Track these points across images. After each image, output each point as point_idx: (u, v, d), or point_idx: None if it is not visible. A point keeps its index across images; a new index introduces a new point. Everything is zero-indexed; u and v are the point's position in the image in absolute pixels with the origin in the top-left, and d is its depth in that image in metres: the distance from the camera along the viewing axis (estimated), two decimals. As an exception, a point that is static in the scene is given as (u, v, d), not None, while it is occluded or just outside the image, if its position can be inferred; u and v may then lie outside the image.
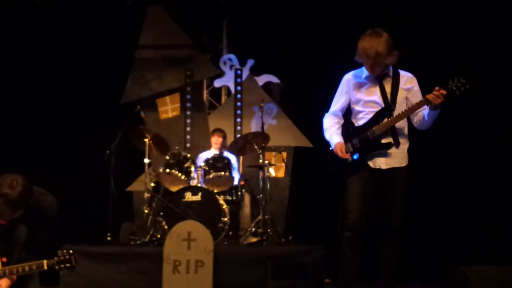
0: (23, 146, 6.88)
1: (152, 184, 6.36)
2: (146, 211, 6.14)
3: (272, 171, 6.91)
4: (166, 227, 5.79)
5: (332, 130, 4.20)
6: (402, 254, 4.04)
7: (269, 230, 6.05)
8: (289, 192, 7.27)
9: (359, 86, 4.16)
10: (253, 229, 6.28)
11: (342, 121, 4.28)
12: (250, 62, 8.17)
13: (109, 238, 5.89)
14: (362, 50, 3.94)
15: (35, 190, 4.15)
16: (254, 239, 6.13)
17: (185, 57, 8.01)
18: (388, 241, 4.02)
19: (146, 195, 6.21)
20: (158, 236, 5.88)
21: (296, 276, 4.84)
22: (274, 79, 8.22)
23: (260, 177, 6.45)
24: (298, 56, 7.34)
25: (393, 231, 3.99)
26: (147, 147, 6.29)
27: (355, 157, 4.05)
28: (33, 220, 4.20)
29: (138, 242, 5.92)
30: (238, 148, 6.79)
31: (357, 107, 4.17)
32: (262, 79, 8.19)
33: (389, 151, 4.02)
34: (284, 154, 7.23)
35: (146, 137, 6.30)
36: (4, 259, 3.87)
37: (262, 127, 6.43)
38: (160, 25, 7.99)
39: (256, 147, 6.50)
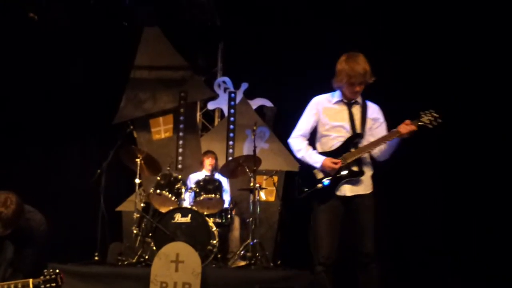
0: (13, 164, 6.86)
1: (142, 205, 6.34)
2: (135, 231, 6.11)
3: (262, 195, 6.90)
4: (154, 248, 5.75)
5: (309, 150, 4.17)
6: (380, 278, 4.00)
7: (258, 254, 6.02)
8: (279, 216, 7.27)
9: (329, 110, 4.18)
10: (242, 252, 6.26)
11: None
12: (244, 86, 8.23)
13: (96, 258, 5.86)
14: (350, 70, 3.96)
15: (24, 207, 4.14)
16: (242, 263, 6.10)
17: (179, 79, 8.06)
18: (363, 266, 3.99)
19: (136, 215, 6.18)
20: (146, 257, 5.85)
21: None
22: (267, 103, 8.28)
23: (251, 201, 6.46)
24: (291, 81, 7.40)
25: (366, 257, 3.96)
26: (138, 167, 6.28)
27: (325, 183, 4.03)
28: (21, 238, 4.19)
29: (125, 262, 5.88)
30: (229, 170, 6.79)
31: (323, 131, 4.18)
32: (255, 103, 8.24)
33: (354, 178, 4.03)
34: (275, 178, 7.23)
35: (138, 157, 6.29)
36: (-10, 276, 3.85)
37: (254, 151, 6.44)
38: (156, 46, 8.06)
39: (247, 170, 6.50)
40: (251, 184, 6.40)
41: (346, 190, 4.03)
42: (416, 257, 6.35)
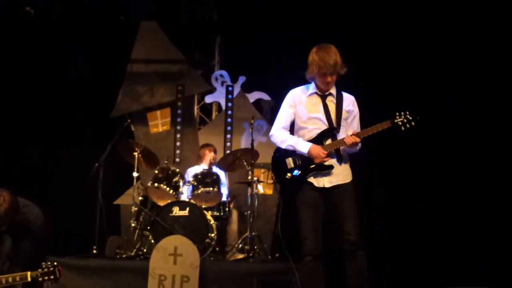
0: (11, 159, 6.86)
1: (140, 198, 6.35)
2: (133, 224, 6.12)
3: (260, 188, 6.92)
4: (152, 241, 5.76)
5: (294, 138, 4.21)
6: (367, 270, 4.01)
7: (256, 247, 6.04)
8: (277, 209, 7.27)
9: (304, 102, 4.22)
10: (240, 245, 6.27)
11: None
12: (241, 79, 8.23)
13: (95, 251, 5.86)
14: (320, 60, 4.02)
15: (21, 202, 4.15)
16: (240, 256, 6.13)
17: (177, 72, 8.06)
18: (350, 255, 4.00)
19: (134, 208, 6.19)
20: (144, 250, 5.86)
21: (281, 294, 4.84)
22: (265, 96, 8.29)
23: (249, 194, 6.47)
24: (289, 74, 7.37)
25: (352, 244, 3.97)
26: (136, 161, 6.29)
27: (295, 173, 4.10)
28: (18, 232, 4.20)
29: (124, 255, 5.90)
30: (227, 164, 6.79)
31: (300, 123, 4.23)
32: (253, 96, 8.25)
33: (323, 171, 4.08)
34: (273, 171, 7.23)
35: (136, 151, 6.30)
36: (-12, 270, 3.86)
37: (252, 144, 6.44)
38: (153, 40, 8.06)
39: (245, 163, 6.52)
40: (249, 177, 6.41)
41: (325, 181, 4.08)
42: (416, 252, 6.36)
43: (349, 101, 4.23)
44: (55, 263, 3.81)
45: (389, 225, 6.47)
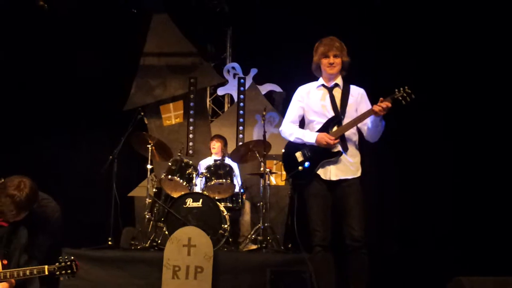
0: (27, 151, 6.93)
1: (154, 190, 6.41)
2: (147, 216, 6.20)
3: (273, 179, 6.95)
4: (166, 232, 5.83)
5: (302, 130, 4.29)
6: (369, 264, 4.04)
7: (268, 238, 6.09)
8: (289, 200, 7.31)
9: (312, 95, 4.31)
10: (253, 236, 6.32)
11: None
12: (253, 71, 8.25)
13: (110, 243, 5.93)
14: (323, 46, 4.17)
15: (39, 195, 4.20)
16: (253, 246, 6.17)
17: (189, 65, 8.09)
18: (353, 252, 4.03)
19: (148, 200, 6.26)
20: (159, 241, 5.93)
21: (294, 284, 4.86)
22: (276, 88, 8.30)
23: (261, 185, 6.51)
24: (300, 66, 7.37)
25: (356, 241, 4.01)
26: (149, 153, 6.36)
27: (306, 165, 4.16)
28: (35, 225, 4.24)
29: (138, 247, 5.98)
30: (239, 155, 6.84)
31: (309, 117, 4.30)
32: (265, 88, 8.26)
33: (340, 163, 4.12)
34: (285, 163, 7.26)
35: (149, 143, 6.36)
36: (5, 262, 3.91)
37: (264, 136, 6.47)
38: (165, 33, 8.09)
39: (257, 155, 6.56)
40: (261, 168, 6.45)
41: (332, 174, 4.12)
42: (425, 244, 6.36)
43: (358, 93, 4.27)
44: (72, 257, 3.85)
45: (402, 215, 6.48)
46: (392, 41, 6.66)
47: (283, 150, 4.39)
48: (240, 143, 7.64)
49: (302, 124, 4.40)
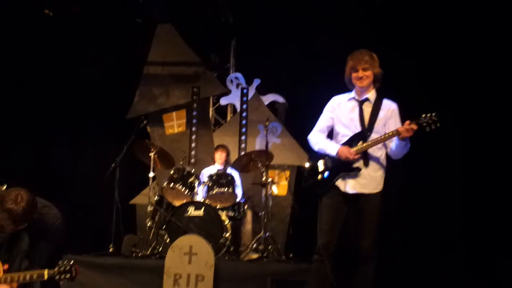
0: (30, 158, 6.95)
1: (156, 198, 6.41)
2: (148, 224, 6.20)
3: (274, 189, 6.96)
4: (168, 240, 5.83)
5: (326, 141, 4.30)
6: (374, 275, 4.04)
7: (270, 247, 6.08)
8: (291, 210, 7.32)
9: (343, 107, 4.29)
10: (254, 245, 6.32)
11: None
12: (256, 81, 8.28)
13: (111, 250, 5.94)
14: (352, 60, 4.15)
15: (40, 202, 4.19)
16: (254, 256, 6.17)
17: (192, 74, 8.13)
18: (359, 264, 4.05)
19: (150, 208, 6.26)
20: (160, 249, 5.93)
21: (295, 294, 4.87)
22: (279, 98, 8.32)
23: (263, 195, 6.52)
24: (303, 76, 7.43)
25: (362, 256, 4.02)
26: (152, 162, 6.37)
27: (325, 175, 4.18)
28: (36, 231, 4.24)
29: (139, 254, 5.98)
30: (242, 165, 6.85)
31: (337, 128, 4.30)
32: (267, 98, 8.29)
33: (360, 176, 4.10)
34: (287, 173, 7.29)
35: (152, 152, 6.38)
36: (6, 266, 3.92)
37: (266, 146, 6.49)
38: (169, 42, 8.14)
39: (259, 165, 6.57)
40: (263, 178, 6.46)
41: (349, 187, 4.10)
42: (431, 249, 6.35)
43: (388, 108, 4.19)
44: (72, 262, 3.84)
45: (407, 222, 6.46)
46: (392, 41, 6.65)
47: (307, 158, 4.43)
48: (243, 153, 7.65)
49: (330, 134, 4.40)
